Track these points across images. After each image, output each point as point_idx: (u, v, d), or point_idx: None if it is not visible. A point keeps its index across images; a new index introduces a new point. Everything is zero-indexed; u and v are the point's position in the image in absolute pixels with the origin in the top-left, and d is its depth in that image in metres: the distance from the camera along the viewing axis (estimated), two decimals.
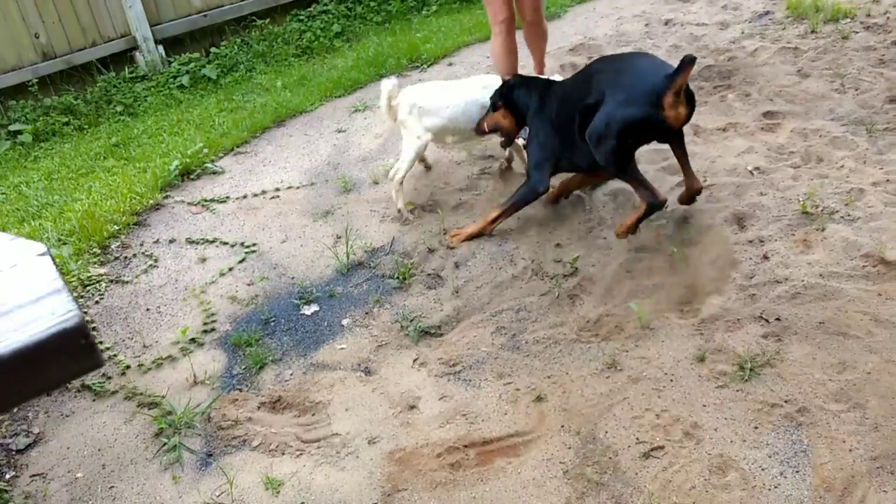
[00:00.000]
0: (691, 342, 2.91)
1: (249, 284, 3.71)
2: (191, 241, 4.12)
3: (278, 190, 4.55)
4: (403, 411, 2.82)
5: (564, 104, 3.58)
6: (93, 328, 3.50)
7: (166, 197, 4.63)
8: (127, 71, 6.93)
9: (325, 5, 7.84)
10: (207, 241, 4.11)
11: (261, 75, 6.83)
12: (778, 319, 2.94)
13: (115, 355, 3.32)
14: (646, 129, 3.25)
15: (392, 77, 4.15)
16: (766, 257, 3.31)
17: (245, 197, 4.53)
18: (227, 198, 4.54)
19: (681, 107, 3.17)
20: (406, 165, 4.02)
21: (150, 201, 4.54)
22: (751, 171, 3.93)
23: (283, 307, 3.52)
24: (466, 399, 2.82)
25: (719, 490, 2.32)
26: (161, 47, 7.03)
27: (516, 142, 4.08)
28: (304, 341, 3.29)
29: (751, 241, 3.42)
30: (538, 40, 4.78)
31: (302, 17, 7.73)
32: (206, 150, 5.07)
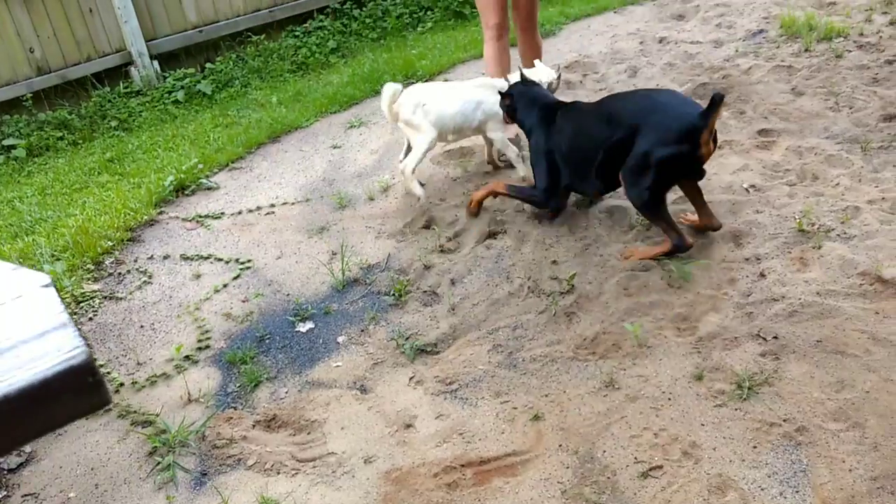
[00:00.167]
0: (689, 360, 2.90)
1: (244, 301, 3.69)
2: (185, 258, 4.10)
3: (273, 206, 4.54)
4: (400, 430, 2.79)
5: (581, 137, 3.66)
6: (86, 345, 3.47)
7: (161, 212, 4.61)
8: (122, 86, 6.93)
9: (321, 21, 7.87)
10: (202, 257, 4.09)
11: (256, 91, 6.83)
12: (776, 338, 2.94)
13: (109, 373, 3.29)
14: (683, 167, 3.34)
15: (395, 83, 4.25)
16: (762, 275, 3.31)
17: (240, 213, 4.51)
18: (222, 213, 4.53)
19: (711, 143, 3.28)
20: (416, 159, 4.21)
21: (145, 217, 4.52)
22: (746, 189, 3.93)
23: (278, 324, 3.50)
24: (463, 418, 2.80)
25: None
26: (156, 62, 7.04)
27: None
28: (299, 359, 3.27)
29: (747, 259, 3.42)
30: (532, 53, 4.79)
31: (297, 33, 7.75)
32: (200, 166, 5.05)
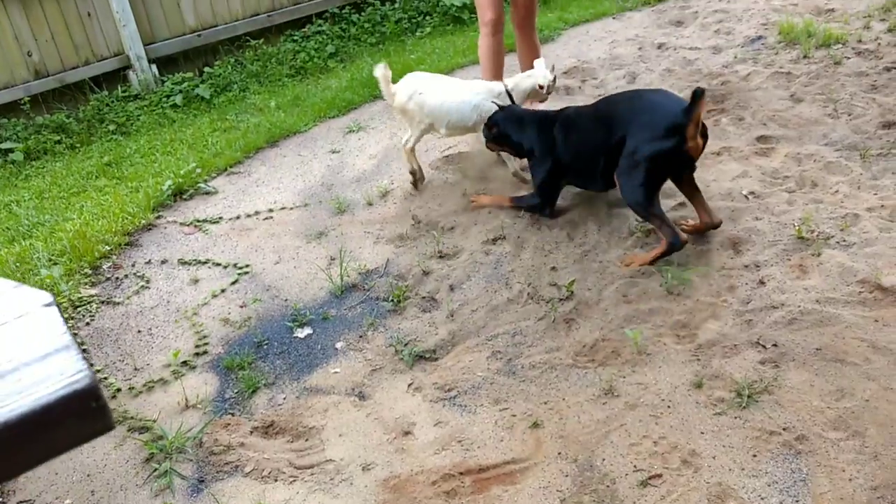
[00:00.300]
0: (688, 368, 2.90)
1: (242, 306, 3.67)
2: (183, 262, 4.09)
3: (272, 211, 4.53)
4: (398, 437, 2.78)
5: (583, 144, 3.76)
6: (83, 350, 3.46)
7: (158, 217, 4.60)
8: (120, 90, 6.91)
9: (320, 26, 7.86)
10: (200, 262, 4.07)
11: (254, 95, 6.82)
12: (775, 345, 2.93)
13: (106, 378, 3.27)
14: (671, 162, 3.41)
15: (382, 63, 4.34)
16: (762, 282, 3.30)
17: (238, 217, 4.50)
18: (220, 218, 4.51)
19: (699, 138, 3.35)
20: (414, 139, 4.37)
21: (143, 221, 4.51)
22: (746, 196, 3.93)
23: (276, 330, 3.49)
24: (462, 425, 2.79)
25: None
26: (154, 66, 7.03)
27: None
28: (297, 365, 3.25)
29: (747, 266, 3.42)
30: (530, 55, 4.78)
31: (296, 38, 7.74)
32: (199, 170, 5.04)
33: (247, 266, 3.97)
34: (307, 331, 3.45)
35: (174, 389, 3.16)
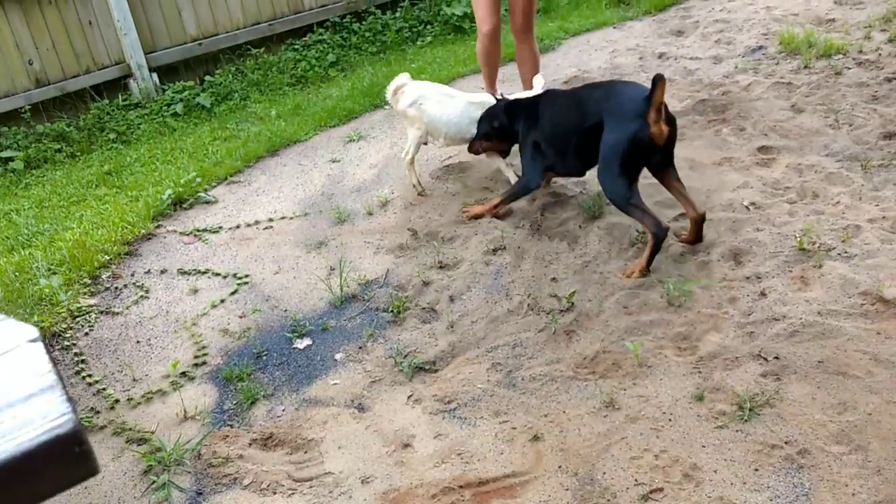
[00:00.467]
0: (689, 381, 2.88)
1: (241, 317, 3.66)
2: (182, 272, 4.08)
3: (271, 220, 4.52)
4: (397, 450, 2.77)
5: (558, 126, 3.92)
6: (82, 360, 3.44)
7: (158, 226, 4.59)
8: (120, 98, 6.91)
9: (321, 35, 7.87)
10: (199, 271, 4.06)
11: (255, 104, 6.82)
12: (777, 358, 2.91)
13: (104, 389, 3.26)
14: (638, 148, 3.46)
15: (405, 73, 4.55)
16: (763, 294, 3.29)
17: (238, 227, 4.49)
18: (220, 228, 4.50)
19: (663, 124, 3.42)
20: (413, 149, 4.45)
21: (142, 231, 4.50)
22: (747, 207, 3.92)
23: (275, 340, 3.47)
24: (462, 438, 2.78)
25: None
26: (155, 75, 7.03)
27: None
28: (296, 376, 3.24)
29: (748, 278, 3.41)
30: (529, 64, 4.81)
31: (297, 47, 7.74)
32: (199, 179, 5.03)
33: (246, 276, 3.96)
34: (307, 342, 3.44)
35: (173, 400, 3.14)
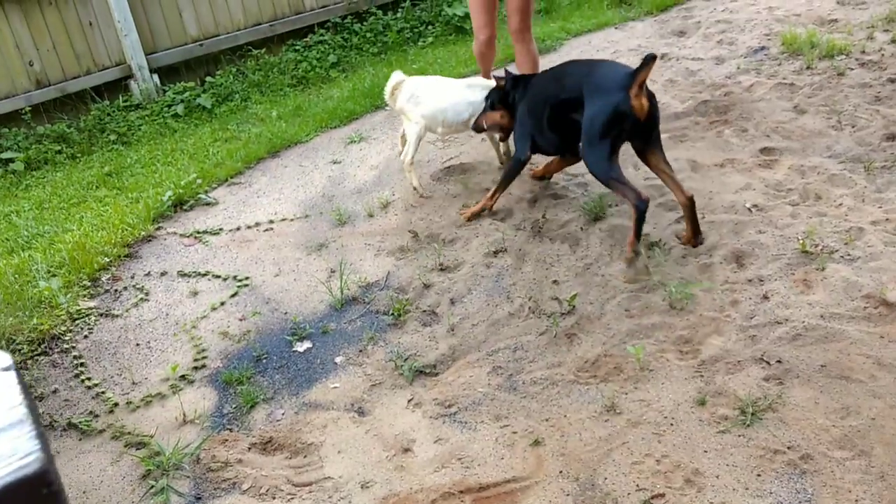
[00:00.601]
0: (691, 385, 2.86)
1: (241, 319, 3.65)
2: (182, 274, 4.07)
3: (272, 222, 4.51)
4: (397, 454, 2.75)
5: (538, 96, 4.02)
6: (81, 363, 3.43)
7: (158, 228, 4.58)
8: (121, 99, 6.90)
9: (322, 36, 7.85)
10: (199, 274, 4.05)
11: (256, 105, 6.81)
12: (779, 362, 2.89)
13: (104, 392, 3.25)
14: (620, 119, 3.50)
15: (400, 72, 4.65)
16: (765, 297, 3.27)
17: (238, 229, 4.48)
18: (220, 230, 4.49)
19: (643, 99, 3.48)
20: (412, 148, 4.47)
21: (142, 233, 4.49)
22: (749, 209, 3.90)
23: (275, 343, 3.46)
24: (462, 442, 2.76)
25: None
26: (156, 76, 7.01)
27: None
28: (296, 379, 3.22)
29: (750, 281, 3.39)
30: (527, 63, 4.79)
31: (298, 47, 7.73)
32: (199, 181, 5.02)
33: (246, 278, 3.95)
34: (307, 345, 3.43)
35: (172, 404, 3.13)
